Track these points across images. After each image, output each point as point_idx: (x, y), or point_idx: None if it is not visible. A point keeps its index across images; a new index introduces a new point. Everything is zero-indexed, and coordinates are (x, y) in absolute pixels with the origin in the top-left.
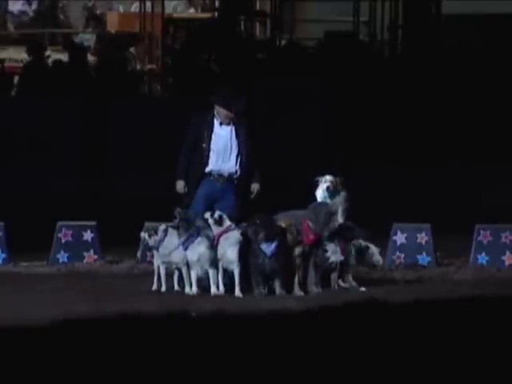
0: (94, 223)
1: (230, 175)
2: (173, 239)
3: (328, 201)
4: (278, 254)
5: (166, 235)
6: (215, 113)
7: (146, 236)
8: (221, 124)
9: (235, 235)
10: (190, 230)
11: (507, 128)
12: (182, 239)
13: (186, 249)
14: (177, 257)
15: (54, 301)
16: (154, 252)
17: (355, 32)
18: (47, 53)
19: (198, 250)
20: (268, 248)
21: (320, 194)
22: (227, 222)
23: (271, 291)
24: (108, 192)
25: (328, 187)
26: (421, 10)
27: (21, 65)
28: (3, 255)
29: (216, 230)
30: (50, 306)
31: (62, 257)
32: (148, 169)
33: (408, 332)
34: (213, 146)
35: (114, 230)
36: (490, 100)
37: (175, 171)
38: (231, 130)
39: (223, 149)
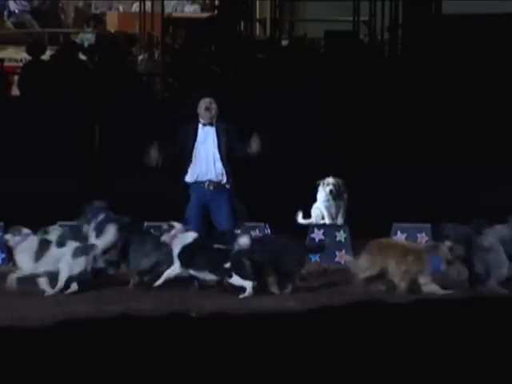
0: None
1: (218, 181)
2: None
3: (332, 203)
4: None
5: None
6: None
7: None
8: (204, 125)
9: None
10: None
11: (507, 128)
12: None
13: None
14: None
15: (53, 301)
16: None
17: (355, 32)
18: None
19: None
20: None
21: (323, 197)
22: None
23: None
24: (108, 192)
25: (331, 191)
26: (421, 10)
27: (20, 64)
28: (2, 255)
29: None
30: (50, 306)
31: None
32: (148, 169)
33: (408, 332)
34: (196, 154)
35: None
36: (490, 100)
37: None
38: (212, 135)
39: (205, 156)
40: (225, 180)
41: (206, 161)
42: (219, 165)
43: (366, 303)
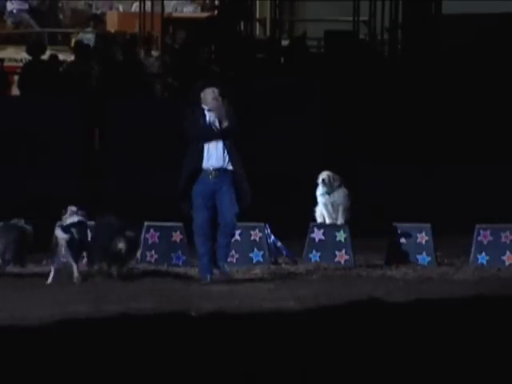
0: (93, 223)
1: (223, 168)
2: None
3: (327, 198)
4: None
5: None
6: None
7: None
8: (209, 110)
9: None
10: None
11: (507, 128)
12: None
13: None
14: None
15: (53, 301)
16: None
17: (355, 32)
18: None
19: None
20: None
21: (319, 189)
22: None
23: None
24: (108, 192)
25: (323, 180)
26: (421, 10)
27: (20, 64)
28: None
29: None
30: (50, 306)
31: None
32: (148, 168)
33: (408, 332)
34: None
35: None
36: (490, 100)
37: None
38: (214, 121)
39: (208, 143)
40: (228, 166)
41: (209, 147)
42: (222, 150)
43: (366, 303)
